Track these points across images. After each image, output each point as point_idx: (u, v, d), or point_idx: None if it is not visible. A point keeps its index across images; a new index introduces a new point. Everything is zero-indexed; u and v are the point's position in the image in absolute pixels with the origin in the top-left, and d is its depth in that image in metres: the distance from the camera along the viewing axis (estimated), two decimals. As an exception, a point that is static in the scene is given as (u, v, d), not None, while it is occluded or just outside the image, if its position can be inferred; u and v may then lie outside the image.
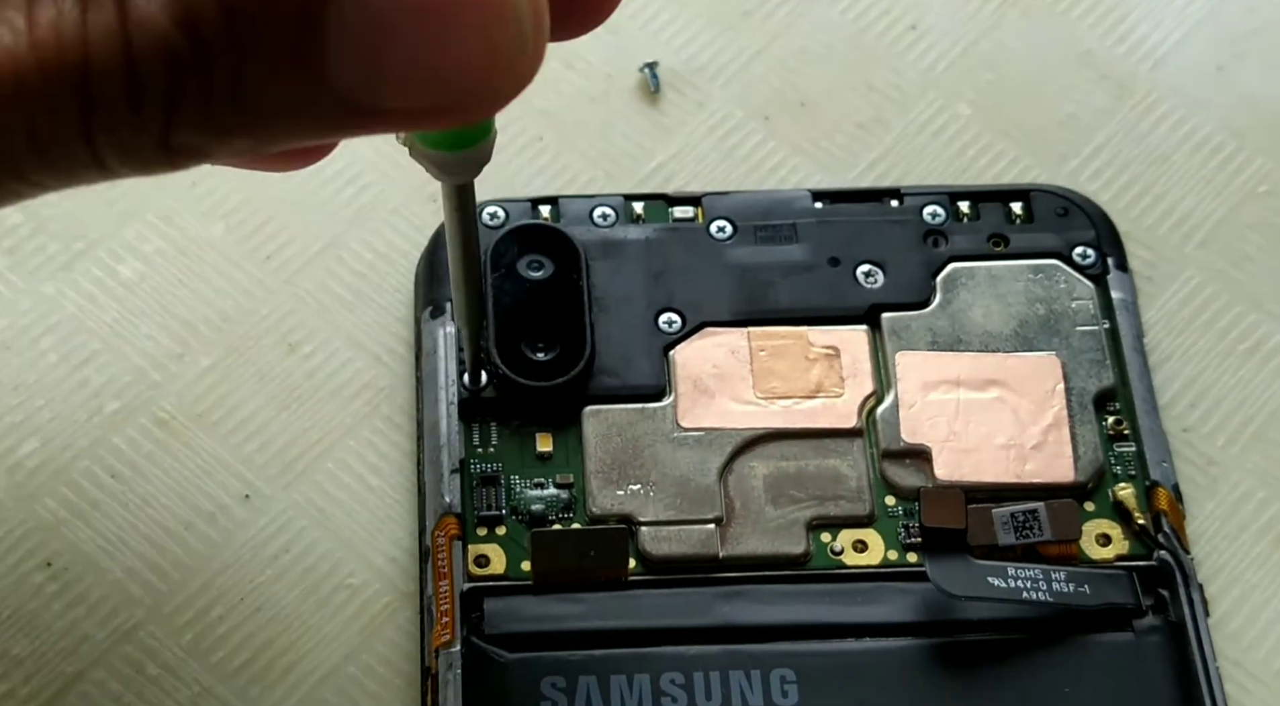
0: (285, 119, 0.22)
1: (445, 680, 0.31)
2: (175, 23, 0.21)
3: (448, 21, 0.22)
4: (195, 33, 0.21)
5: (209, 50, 0.21)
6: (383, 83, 0.22)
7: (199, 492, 0.35)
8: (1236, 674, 0.34)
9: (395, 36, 0.21)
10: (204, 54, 0.21)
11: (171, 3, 0.21)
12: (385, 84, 0.22)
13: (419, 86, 0.22)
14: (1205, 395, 0.37)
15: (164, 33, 0.21)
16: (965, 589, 0.32)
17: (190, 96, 0.22)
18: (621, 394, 0.35)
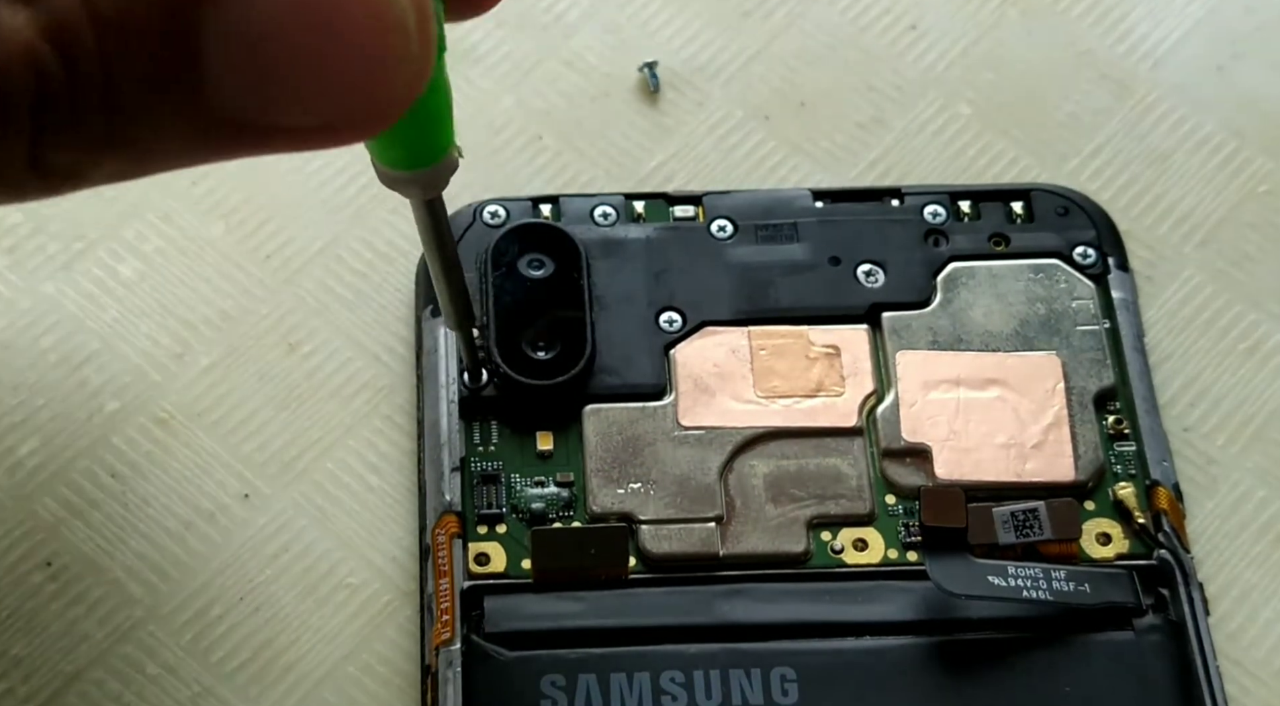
0: (163, 138, 0.21)
1: (445, 678, 0.31)
2: (41, 34, 0.20)
3: (328, 31, 0.21)
4: (63, 45, 0.20)
5: (78, 63, 0.20)
6: (264, 99, 0.21)
7: (199, 492, 0.35)
8: (1236, 673, 0.34)
9: (274, 49, 0.21)
10: (73, 67, 0.20)
11: (37, 15, 0.20)
12: (267, 100, 0.21)
13: (304, 102, 0.21)
14: (1205, 394, 0.37)
15: (28, 44, 0.20)
16: (965, 587, 0.32)
17: (59, 113, 0.21)
18: (622, 392, 0.35)
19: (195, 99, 0.21)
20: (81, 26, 0.20)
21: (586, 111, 0.39)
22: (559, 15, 0.40)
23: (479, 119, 0.39)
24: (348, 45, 0.21)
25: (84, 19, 0.20)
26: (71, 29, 0.20)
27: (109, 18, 0.20)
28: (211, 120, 0.21)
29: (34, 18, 0.20)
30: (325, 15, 0.21)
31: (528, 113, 0.39)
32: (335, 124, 0.22)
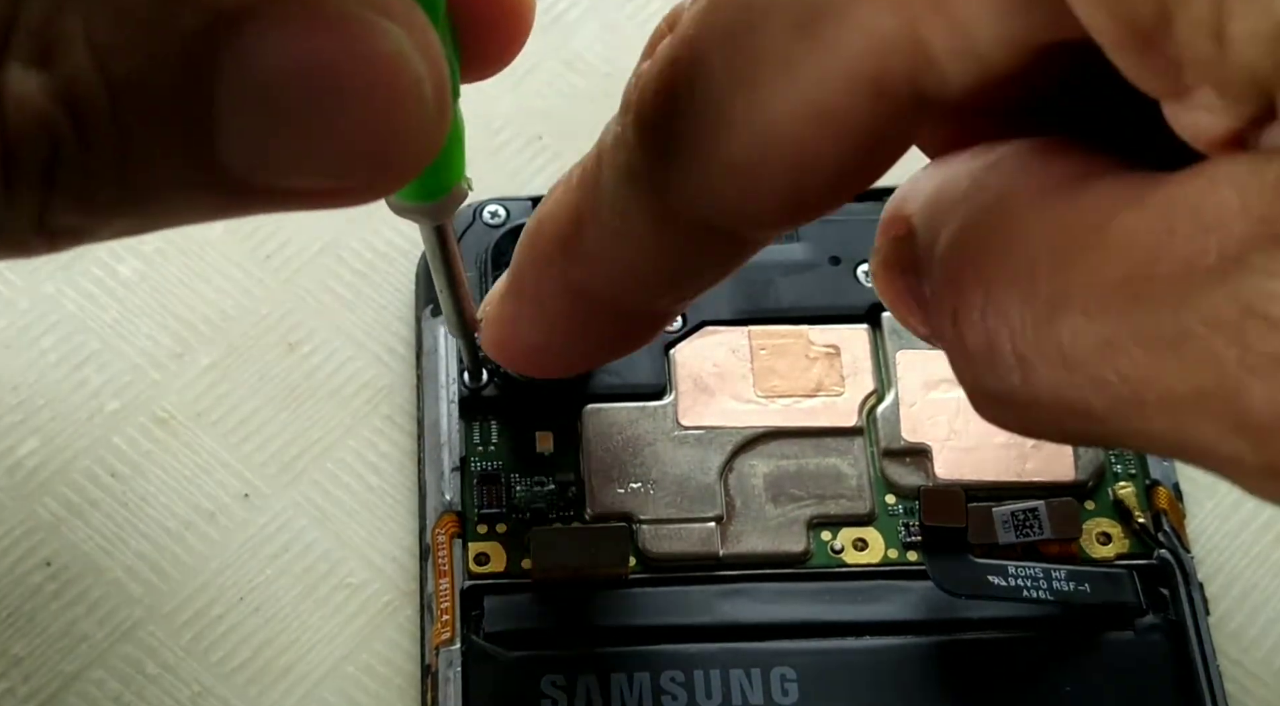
0: (172, 198, 0.21)
1: (445, 678, 0.31)
2: (55, 98, 0.20)
3: (344, 94, 0.20)
4: (76, 108, 0.20)
5: (91, 127, 0.20)
6: (276, 161, 0.21)
7: (198, 492, 0.35)
8: (1237, 672, 0.34)
9: (288, 110, 0.20)
10: (86, 131, 0.20)
11: (52, 77, 0.20)
12: (278, 163, 0.21)
13: (315, 165, 0.21)
14: (1205, 394, 0.37)
15: (42, 109, 0.20)
16: (965, 587, 0.32)
17: (70, 175, 0.20)
18: (622, 392, 0.35)
19: (206, 160, 0.21)
20: (96, 90, 0.20)
21: (586, 111, 0.39)
22: (559, 15, 0.40)
23: (479, 119, 0.39)
24: (362, 109, 0.21)
25: (99, 83, 0.20)
26: (86, 93, 0.20)
27: (124, 81, 0.20)
28: (221, 181, 0.21)
29: (48, 81, 0.20)
30: (341, 78, 0.20)
31: (528, 113, 0.39)
32: (346, 187, 0.22)
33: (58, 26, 0.20)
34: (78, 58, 0.20)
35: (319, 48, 0.20)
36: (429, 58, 0.21)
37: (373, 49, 0.20)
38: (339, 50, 0.20)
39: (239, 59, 0.20)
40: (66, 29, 0.20)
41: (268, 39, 0.20)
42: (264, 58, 0.20)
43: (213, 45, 0.20)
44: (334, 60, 0.20)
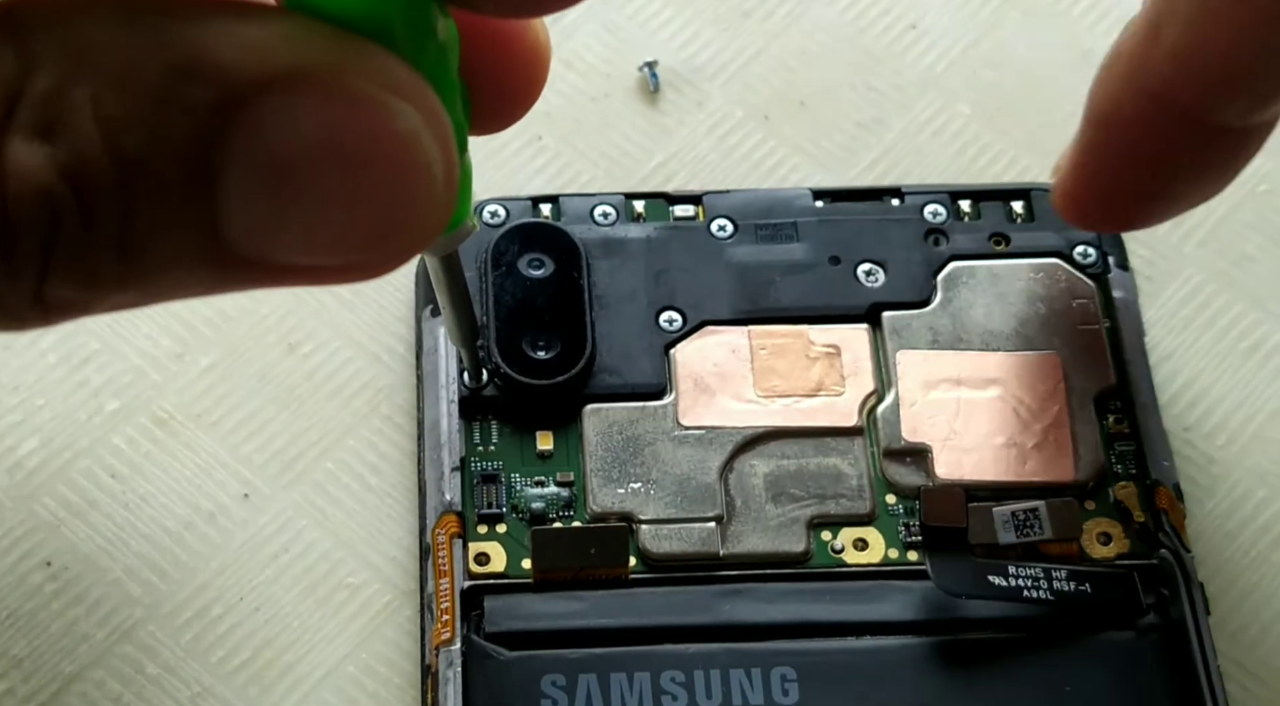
0: (173, 272, 0.21)
1: (445, 678, 0.31)
2: (59, 172, 0.19)
3: (356, 172, 0.20)
4: (80, 183, 0.20)
5: (94, 202, 0.20)
6: (282, 239, 0.21)
7: (198, 492, 0.35)
8: (1237, 673, 0.34)
9: (298, 187, 0.20)
10: (89, 206, 0.20)
11: (56, 150, 0.19)
12: (284, 241, 0.21)
13: (323, 242, 0.21)
14: (1206, 394, 0.37)
15: (45, 183, 0.19)
16: (966, 587, 0.32)
17: (70, 250, 0.20)
18: (622, 392, 0.35)
19: (211, 237, 0.20)
20: (101, 166, 0.20)
21: (586, 111, 0.39)
22: (559, 16, 0.40)
23: (479, 119, 0.39)
24: (374, 188, 0.20)
25: (105, 158, 0.20)
26: (91, 168, 0.20)
27: (130, 156, 0.20)
28: (225, 258, 0.21)
29: (53, 156, 0.19)
30: (353, 156, 0.20)
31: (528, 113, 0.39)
32: (352, 265, 0.21)
33: (66, 98, 0.19)
34: (84, 131, 0.19)
35: (332, 125, 0.20)
36: (440, 137, 0.21)
37: (386, 128, 0.20)
38: (352, 128, 0.20)
39: (249, 134, 0.20)
40: (74, 101, 0.19)
41: (280, 115, 0.20)
42: (275, 134, 0.20)
43: (223, 120, 0.20)
44: (347, 138, 0.20)
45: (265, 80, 0.20)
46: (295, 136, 0.20)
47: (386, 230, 0.21)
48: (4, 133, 0.19)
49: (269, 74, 0.20)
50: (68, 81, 0.19)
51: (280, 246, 0.21)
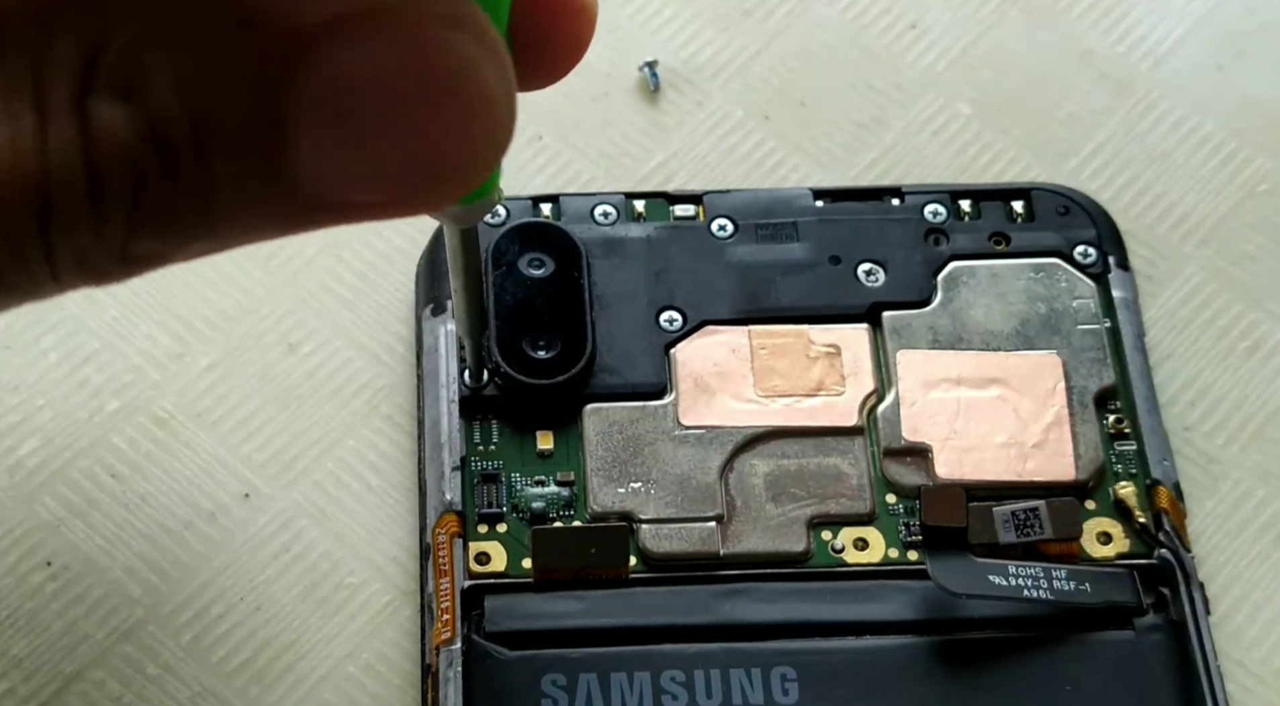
0: (246, 219, 0.22)
1: (446, 678, 0.31)
2: (140, 134, 0.20)
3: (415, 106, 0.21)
4: (161, 141, 0.20)
5: (175, 158, 0.21)
6: (352, 177, 0.21)
7: (199, 492, 0.35)
8: (1237, 672, 0.34)
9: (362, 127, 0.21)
10: (170, 162, 0.21)
11: (135, 113, 0.20)
12: (355, 178, 0.21)
13: (389, 177, 0.21)
14: (1206, 393, 0.37)
15: (128, 144, 0.20)
16: (966, 587, 0.32)
17: (154, 206, 0.21)
18: (622, 392, 0.35)
19: (283, 182, 0.21)
20: (180, 124, 0.21)
21: (587, 111, 0.39)
22: (559, 15, 0.40)
23: (479, 118, 0.39)
24: (437, 117, 0.21)
25: (183, 116, 0.20)
26: (171, 126, 0.20)
27: (206, 112, 0.21)
28: (297, 200, 0.22)
29: (132, 115, 0.20)
30: (414, 88, 0.21)
31: (528, 112, 0.39)
32: (416, 197, 0.22)
33: (144, 60, 0.20)
34: (163, 92, 0.20)
35: (394, 62, 0.21)
36: (498, 63, 0.21)
37: (445, 58, 0.21)
38: (414, 63, 0.21)
39: (315, 79, 0.21)
40: (152, 63, 0.20)
41: (343, 57, 0.20)
42: (340, 76, 0.21)
43: (289, 68, 0.21)
44: (409, 73, 0.21)
45: (325, 23, 0.20)
46: (359, 77, 0.21)
47: (457, 158, 0.21)
48: (88, 93, 0.20)
49: (329, 16, 0.20)
50: (141, 44, 0.20)
51: (351, 185, 0.21)
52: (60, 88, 0.20)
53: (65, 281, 0.22)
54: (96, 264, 0.22)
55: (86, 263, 0.22)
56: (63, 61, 0.20)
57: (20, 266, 0.21)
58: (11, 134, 0.20)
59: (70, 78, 0.20)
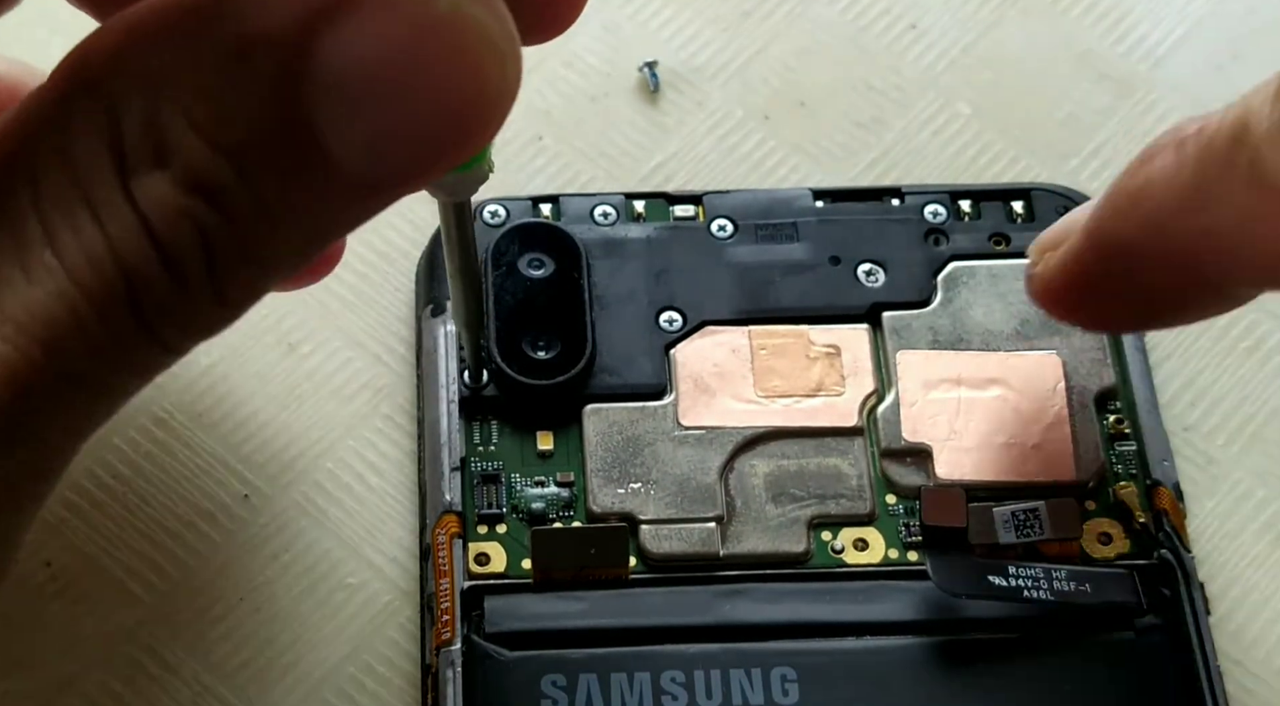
0: (316, 219, 0.22)
1: (446, 678, 0.31)
2: (186, 189, 0.21)
3: (426, 68, 0.21)
4: (209, 191, 0.21)
5: (227, 198, 0.21)
6: (387, 148, 0.22)
7: (198, 492, 0.35)
8: (1237, 673, 0.34)
9: (382, 102, 0.21)
10: (224, 204, 0.21)
11: (176, 174, 0.21)
12: (389, 148, 0.22)
13: (422, 138, 0.22)
14: (1206, 394, 0.37)
15: (181, 206, 0.21)
16: (966, 587, 0.32)
17: (227, 247, 0.22)
18: (622, 392, 0.35)
19: (329, 172, 0.22)
20: (217, 166, 0.21)
21: (586, 111, 0.39)
22: (559, 15, 0.40)
23: (479, 119, 0.39)
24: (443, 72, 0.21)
25: (217, 158, 0.21)
26: (210, 171, 0.21)
27: (238, 145, 0.21)
28: (345, 185, 0.22)
29: (174, 177, 0.21)
30: (418, 50, 0.21)
31: (528, 113, 0.39)
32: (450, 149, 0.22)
33: (160, 123, 0.21)
34: (192, 144, 0.21)
35: (392, 32, 0.21)
36: (488, 7, 0.22)
37: (441, 17, 0.21)
38: (411, 28, 0.21)
39: (324, 70, 0.21)
40: (171, 122, 0.21)
41: (343, 41, 0.21)
42: (345, 60, 0.21)
43: (295, 74, 0.21)
44: (409, 39, 0.21)
45: (312, 19, 0.21)
46: (365, 56, 0.21)
47: (478, 103, 0.22)
48: (128, 179, 0.21)
49: (313, 11, 0.21)
50: (153, 108, 0.21)
51: (389, 156, 0.22)
52: (102, 183, 0.21)
53: (182, 347, 0.23)
54: (202, 323, 0.23)
55: (192, 325, 0.22)
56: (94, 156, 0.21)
57: (131, 356, 0.22)
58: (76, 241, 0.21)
59: (107, 170, 0.21)
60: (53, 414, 0.22)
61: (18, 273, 0.21)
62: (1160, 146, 0.29)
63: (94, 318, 0.22)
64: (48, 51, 0.38)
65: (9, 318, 0.21)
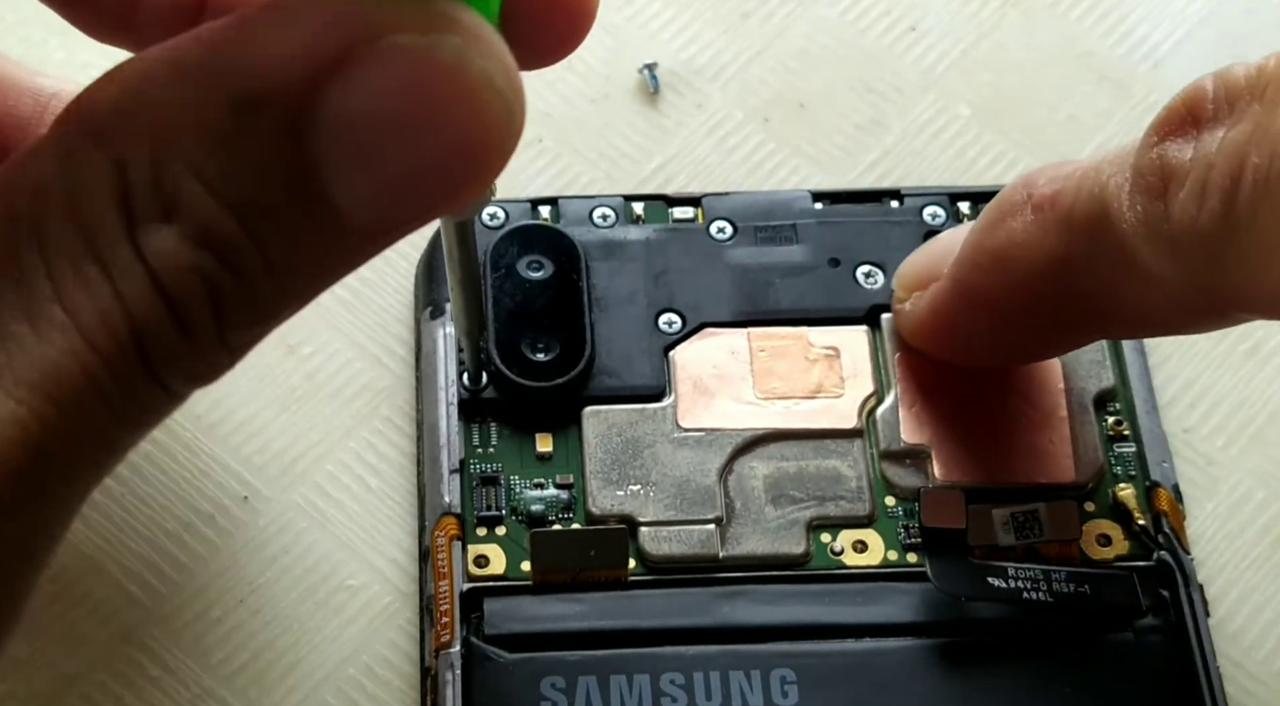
0: (319, 269, 0.23)
1: (445, 680, 0.31)
2: (194, 244, 0.21)
3: (429, 116, 0.22)
4: (215, 243, 0.21)
5: (234, 252, 0.22)
6: (392, 196, 0.22)
7: (198, 494, 0.35)
8: (1237, 674, 0.34)
9: (387, 151, 0.22)
10: (230, 258, 0.22)
11: (183, 229, 0.21)
12: (395, 196, 0.22)
13: (428, 184, 0.22)
14: (1205, 395, 0.37)
15: (188, 260, 0.21)
16: (965, 589, 0.32)
17: (233, 300, 0.22)
18: (621, 394, 0.35)
19: (336, 223, 0.22)
20: (225, 221, 0.21)
21: (586, 113, 0.39)
22: (558, 17, 0.40)
23: (478, 120, 0.39)
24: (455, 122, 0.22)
25: (224, 213, 0.21)
26: (217, 224, 0.21)
27: (244, 199, 0.21)
28: (351, 234, 0.22)
29: (181, 231, 0.21)
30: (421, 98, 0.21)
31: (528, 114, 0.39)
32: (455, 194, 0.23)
33: (168, 177, 0.21)
34: (197, 198, 0.21)
35: (395, 82, 0.21)
36: (491, 53, 0.22)
37: (441, 66, 0.21)
38: (413, 78, 0.21)
39: (328, 122, 0.21)
40: (176, 177, 0.21)
41: (347, 92, 0.21)
42: (349, 111, 0.21)
43: (300, 128, 0.21)
44: (411, 88, 0.21)
45: (319, 72, 0.21)
46: (369, 107, 0.21)
47: (482, 149, 0.22)
48: (134, 232, 0.21)
49: (320, 63, 0.21)
50: (160, 163, 0.21)
51: (394, 203, 0.22)
52: (110, 238, 0.21)
53: (187, 393, 0.23)
54: (207, 370, 0.23)
55: (198, 373, 0.23)
56: (102, 211, 0.21)
57: (139, 404, 0.22)
58: (90, 300, 0.21)
59: (115, 225, 0.21)
60: (64, 471, 0.22)
61: (26, 329, 0.21)
62: (1014, 205, 0.30)
63: (105, 374, 0.22)
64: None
65: (21, 378, 0.21)
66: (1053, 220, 0.30)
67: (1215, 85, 0.26)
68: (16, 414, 0.21)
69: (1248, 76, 0.26)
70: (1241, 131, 0.26)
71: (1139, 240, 0.27)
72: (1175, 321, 0.31)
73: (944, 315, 0.33)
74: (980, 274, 0.32)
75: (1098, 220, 0.28)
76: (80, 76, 0.38)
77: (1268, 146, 0.25)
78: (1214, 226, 0.26)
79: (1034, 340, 0.33)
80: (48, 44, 0.39)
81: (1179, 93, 0.27)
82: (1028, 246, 0.30)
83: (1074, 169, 0.29)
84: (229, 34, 0.22)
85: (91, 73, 0.22)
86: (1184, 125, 0.27)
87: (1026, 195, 0.30)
